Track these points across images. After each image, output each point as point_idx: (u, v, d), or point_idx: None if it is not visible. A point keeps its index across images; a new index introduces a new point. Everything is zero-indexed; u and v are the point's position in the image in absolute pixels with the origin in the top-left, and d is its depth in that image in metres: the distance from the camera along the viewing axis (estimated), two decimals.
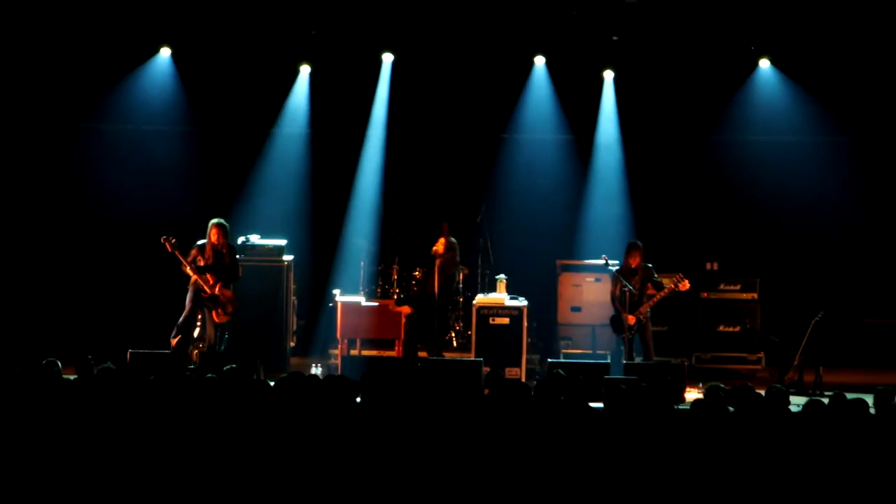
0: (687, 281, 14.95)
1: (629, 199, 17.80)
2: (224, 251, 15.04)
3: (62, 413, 9.26)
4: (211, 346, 14.96)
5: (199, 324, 15.26)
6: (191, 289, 15.07)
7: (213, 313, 15.04)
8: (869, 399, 9.93)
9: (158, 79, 17.68)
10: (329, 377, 10.07)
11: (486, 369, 13.93)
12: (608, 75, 17.81)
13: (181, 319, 15.01)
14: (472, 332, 15.84)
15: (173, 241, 14.86)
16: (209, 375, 10.07)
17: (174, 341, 14.83)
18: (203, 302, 15.05)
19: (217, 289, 14.99)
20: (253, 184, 17.90)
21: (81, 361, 11.13)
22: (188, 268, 14.92)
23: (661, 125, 17.79)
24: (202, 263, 14.98)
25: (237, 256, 15.40)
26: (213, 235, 14.98)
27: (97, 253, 17.83)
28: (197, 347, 15.13)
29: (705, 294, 17.02)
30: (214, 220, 15.05)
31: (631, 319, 14.79)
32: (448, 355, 15.97)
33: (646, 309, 14.87)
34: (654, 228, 17.33)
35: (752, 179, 17.79)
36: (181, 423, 9.09)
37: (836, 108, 17.43)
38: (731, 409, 9.42)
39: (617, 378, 13.32)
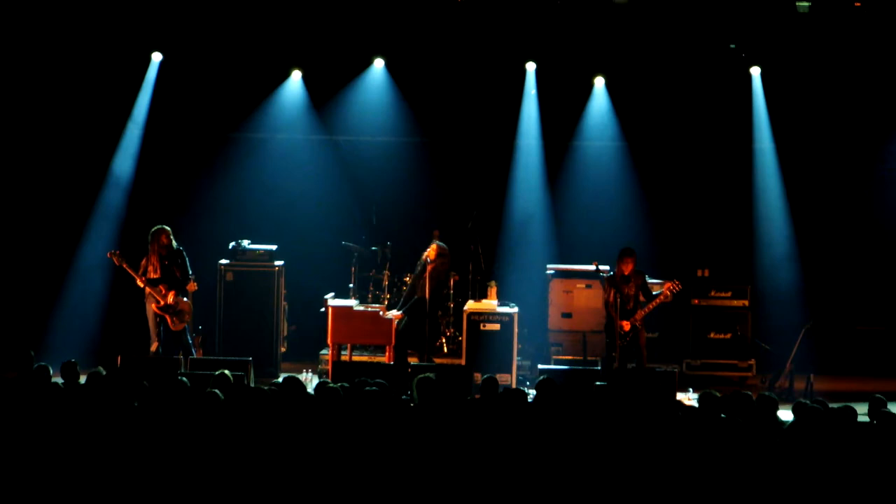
0: (673, 283, 14.78)
1: (620, 206, 17.81)
2: (168, 260, 14.67)
3: (55, 418, 9.24)
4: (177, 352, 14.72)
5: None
6: (147, 300, 14.83)
7: (169, 321, 14.76)
8: (860, 407, 9.94)
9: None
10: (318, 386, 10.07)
11: (477, 375, 13.91)
12: (598, 81, 17.81)
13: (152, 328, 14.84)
14: (463, 338, 15.85)
15: (118, 253, 14.65)
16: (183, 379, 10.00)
17: (154, 346, 14.75)
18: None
19: (170, 298, 14.74)
20: (243, 189, 17.89)
21: (67, 366, 10.99)
22: (139, 280, 14.70)
23: (652, 131, 17.76)
24: (152, 276, 14.71)
25: (186, 260, 14.95)
26: (157, 242, 14.66)
27: None
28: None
29: (696, 301, 16.97)
30: (155, 227, 14.74)
31: (626, 326, 14.79)
32: (438, 361, 15.96)
33: (640, 315, 14.86)
34: (644, 235, 17.32)
35: (743, 186, 17.78)
36: (173, 426, 9.07)
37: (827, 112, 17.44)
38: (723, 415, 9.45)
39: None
